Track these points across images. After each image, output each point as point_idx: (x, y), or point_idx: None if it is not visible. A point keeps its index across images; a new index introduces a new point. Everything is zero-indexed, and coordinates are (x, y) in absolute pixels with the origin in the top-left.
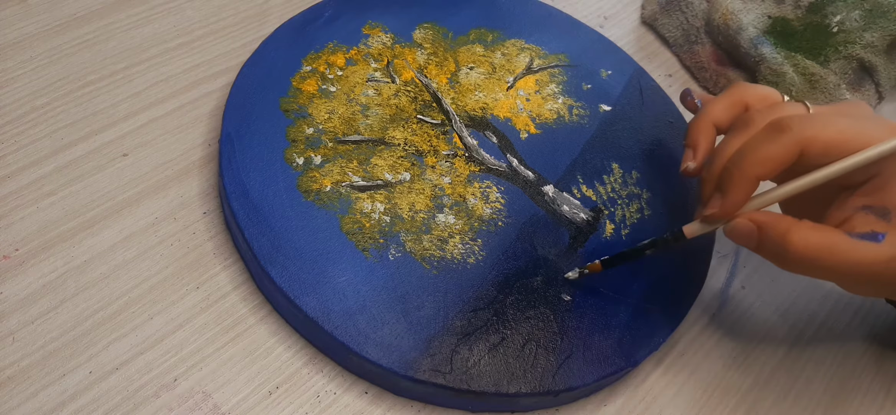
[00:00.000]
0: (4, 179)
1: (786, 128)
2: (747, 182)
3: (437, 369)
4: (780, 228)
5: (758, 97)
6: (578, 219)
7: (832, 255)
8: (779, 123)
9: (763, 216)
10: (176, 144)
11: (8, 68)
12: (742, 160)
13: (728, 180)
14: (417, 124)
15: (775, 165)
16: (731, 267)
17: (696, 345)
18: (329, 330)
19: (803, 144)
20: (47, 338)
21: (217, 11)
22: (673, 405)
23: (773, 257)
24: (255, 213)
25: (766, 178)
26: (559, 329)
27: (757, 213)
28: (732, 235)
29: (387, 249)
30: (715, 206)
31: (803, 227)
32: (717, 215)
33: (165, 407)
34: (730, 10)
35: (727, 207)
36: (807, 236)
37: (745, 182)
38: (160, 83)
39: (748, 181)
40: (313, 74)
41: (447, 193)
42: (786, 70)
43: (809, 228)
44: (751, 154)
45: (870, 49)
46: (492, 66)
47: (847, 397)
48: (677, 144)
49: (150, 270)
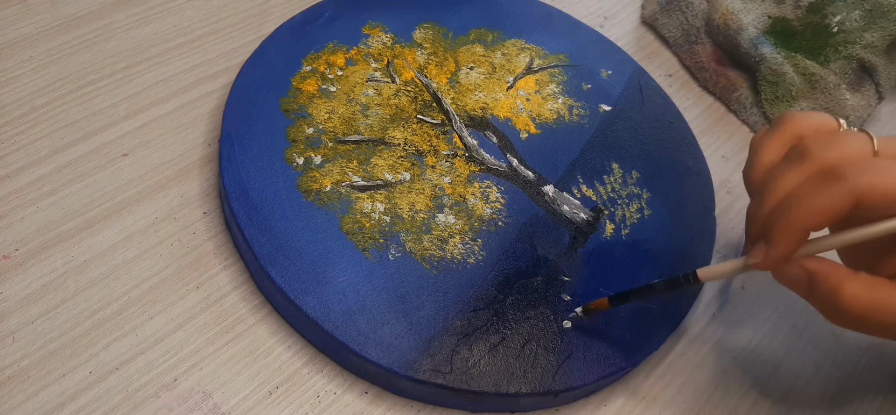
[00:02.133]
0: (4, 179)
1: (840, 176)
2: (795, 234)
3: (437, 369)
4: (833, 280)
5: (812, 127)
6: (578, 219)
7: (885, 313)
8: (833, 170)
9: (816, 264)
10: (176, 144)
11: (8, 68)
12: (790, 210)
13: (774, 230)
14: (417, 124)
15: (826, 217)
16: None
17: (696, 345)
18: (329, 330)
19: (859, 194)
20: (47, 338)
21: (217, 11)
22: (673, 405)
23: (823, 310)
24: (255, 213)
25: (816, 229)
26: (559, 329)
27: (810, 259)
28: (782, 280)
29: (387, 249)
30: (758, 255)
31: (857, 282)
32: (760, 267)
33: (165, 407)
34: (730, 10)
35: (772, 258)
36: (859, 293)
37: (793, 234)
38: (160, 83)
39: (795, 233)
40: (313, 74)
41: (447, 193)
42: (786, 70)
43: (863, 284)
44: (799, 204)
45: (870, 49)
46: (492, 66)
47: (847, 397)
48: (677, 143)
49: (150, 270)
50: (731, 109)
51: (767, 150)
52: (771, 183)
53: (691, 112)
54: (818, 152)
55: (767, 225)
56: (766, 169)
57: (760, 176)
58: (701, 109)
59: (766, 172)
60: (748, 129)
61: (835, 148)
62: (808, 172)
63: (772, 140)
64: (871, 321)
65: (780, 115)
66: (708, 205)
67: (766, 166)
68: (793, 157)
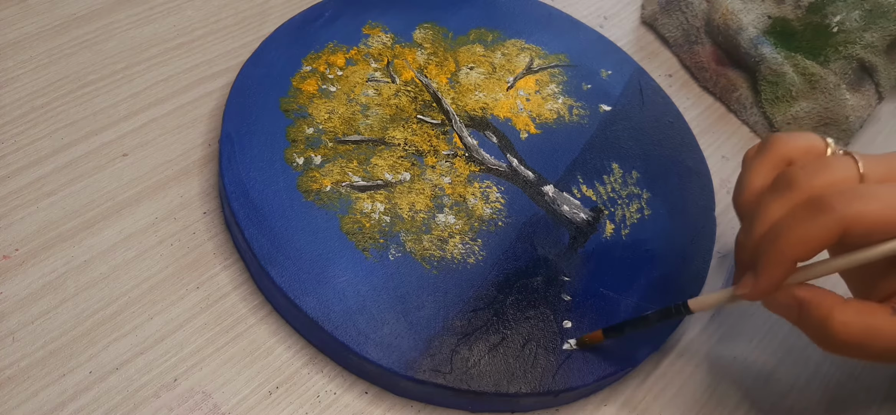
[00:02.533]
0: (4, 179)
1: (827, 207)
2: (782, 265)
3: (437, 369)
4: (824, 308)
5: (800, 150)
6: (578, 219)
7: (876, 340)
8: (820, 201)
9: (806, 292)
10: (176, 144)
11: (8, 68)
12: (777, 240)
13: (761, 260)
14: (417, 124)
15: (814, 247)
16: (730, 268)
17: (696, 345)
18: (329, 330)
19: (845, 225)
20: (47, 338)
21: (217, 11)
22: (673, 405)
23: (815, 337)
24: (255, 213)
25: (803, 259)
26: (559, 329)
27: (800, 287)
28: (772, 307)
29: (387, 249)
30: (746, 286)
31: (848, 309)
32: (748, 297)
33: (165, 407)
34: (730, 10)
35: (759, 289)
36: (850, 320)
37: (780, 265)
38: (160, 83)
39: (783, 264)
40: (313, 74)
41: (447, 193)
42: (786, 70)
43: (854, 311)
44: (786, 234)
45: (870, 49)
46: (492, 66)
47: (847, 397)
48: (677, 143)
49: (150, 270)
50: (731, 108)
51: (756, 174)
52: (759, 212)
53: (691, 112)
54: (805, 181)
55: (755, 255)
56: (754, 194)
57: (749, 202)
58: (701, 109)
59: (754, 198)
60: (748, 129)
61: (821, 176)
62: (795, 201)
63: (759, 164)
64: (864, 348)
65: (767, 137)
66: (708, 205)
67: (755, 192)
68: (780, 186)
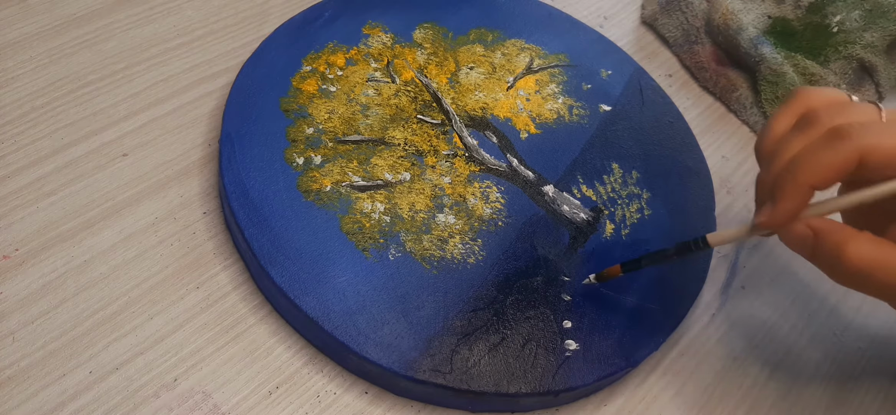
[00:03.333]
0: (4, 179)
1: (845, 135)
2: (800, 192)
3: (437, 369)
4: (838, 237)
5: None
6: (578, 219)
7: (887, 271)
8: (839, 129)
9: (821, 223)
10: (176, 144)
11: (8, 68)
12: (795, 168)
13: (780, 189)
14: (417, 124)
15: (831, 174)
16: (730, 267)
17: (696, 345)
18: (329, 330)
19: (863, 153)
20: (47, 338)
21: (217, 11)
22: (673, 405)
23: (827, 268)
24: (255, 213)
25: (821, 187)
26: (559, 329)
27: (815, 219)
28: (787, 240)
29: (387, 249)
30: (764, 214)
31: (862, 239)
32: (766, 225)
33: (165, 407)
34: (730, 10)
35: (777, 217)
36: (863, 250)
37: (798, 192)
38: (160, 83)
39: (801, 191)
40: (313, 74)
41: (447, 192)
42: (786, 70)
43: (868, 242)
44: (805, 162)
45: (870, 49)
46: (492, 66)
47: (847, 397)
48: (677, 143)
49: (150, 270)
50: (731, 108)
51: (778, 121)
52: (780, 149)
53: (691, 112)
54: (827, 119)
55: (775, 185)
56: (776, 139)
57: (770, 146)
58: (701, 109)
59: (775, 142)
60: (748, 129)
61: (843, 115)
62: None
63: (783, 112)
64: (874, 279)
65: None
66: (708, 205)
67: (777, 137)
68: (802, 125)
